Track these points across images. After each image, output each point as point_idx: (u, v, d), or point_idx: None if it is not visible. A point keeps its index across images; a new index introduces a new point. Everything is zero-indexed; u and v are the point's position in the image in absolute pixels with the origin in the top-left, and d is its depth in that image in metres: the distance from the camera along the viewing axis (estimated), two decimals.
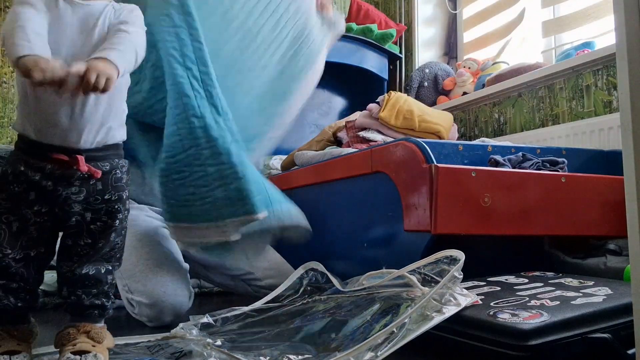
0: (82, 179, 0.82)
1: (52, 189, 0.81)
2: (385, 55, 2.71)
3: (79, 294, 0.85)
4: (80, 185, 0.82)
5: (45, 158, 0.80)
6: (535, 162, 1.30)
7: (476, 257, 1.20)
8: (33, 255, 0.84)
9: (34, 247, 0.84)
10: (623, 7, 0.62)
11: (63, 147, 0.80)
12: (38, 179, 0.80)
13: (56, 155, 0.80)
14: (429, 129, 1.75)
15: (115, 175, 0.86)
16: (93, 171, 0.81)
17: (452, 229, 1.11)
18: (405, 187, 1.19)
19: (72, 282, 0.86)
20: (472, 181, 1.12)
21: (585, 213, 1.24)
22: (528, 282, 1.06)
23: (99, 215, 0.85)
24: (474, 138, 2.26)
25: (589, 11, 1.95)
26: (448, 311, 0.84)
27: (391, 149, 1.26)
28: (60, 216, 0.84)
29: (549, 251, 1.32)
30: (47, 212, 0.83)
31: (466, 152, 1.38)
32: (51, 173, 0.81)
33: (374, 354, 0.74)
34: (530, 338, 0.75)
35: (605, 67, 1.75)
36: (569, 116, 1.88)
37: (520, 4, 2.29)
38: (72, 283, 0.86)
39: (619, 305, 0.85)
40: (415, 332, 0.79)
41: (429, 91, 2.55)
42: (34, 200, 0.81)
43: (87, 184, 0.83)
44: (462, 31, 2.73)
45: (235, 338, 0.95)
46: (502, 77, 2.11)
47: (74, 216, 0.84)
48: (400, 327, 0.79)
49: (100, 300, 0.86)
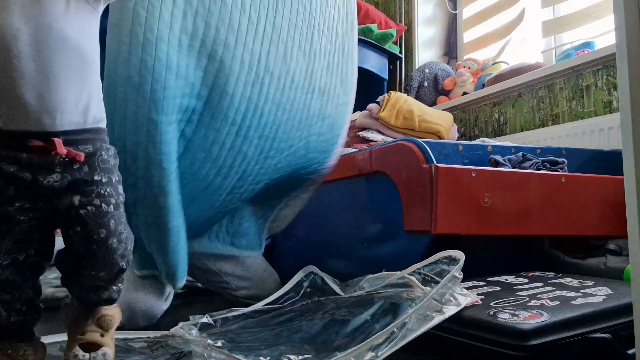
0: (63, 165, 0.73)
1: (30, 179, 0.72)
2: (385, 55, 2.71)
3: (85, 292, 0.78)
4: (63, 171, 0.73)
5: (19, 147, 0.72)
6: (535, 162, 1.30)
7: (476, 257, 1.20)
8: (22, 259, 0.75)
9: (22, 250, 0.75)
10: (623, 7, 0.62)
11: (40, 132, 0.72)
12: (14, 170, 0.72)
13: (31, 142, 0.71)
14: (429, 129, 1.76)
15: (101, 157, 0.77)
16: (74, 153, 0.73)
17: (452, 229, 1.11)
18: (405, 187, 1.19)
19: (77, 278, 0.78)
20: (472, 181, 1.12)
21: (585, 213, 1.24)
22: (528, 282, 1.06)
23: (90, 197, 0.74)
24: (474, 138, 2.26)
25: (589, 11, 1.95)
26: (448, 311, 0.84)
27: (391, 149, 1.26)
28: (47, 209, 0.75)
29: (549, 251, 1.32)
30: (31, 208, 0.74)
31: (466, 152, 1.38)
32: (28, 163, 0.72)
33: (375, 354, 0.74)
34: (530, 338, 0.75)
35: (605, 67, 1.75)
36: (569, 116, 1.88)
37: (520, 4, 2.29)
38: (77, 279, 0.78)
39: (619, 305, 0.85)
40: (416, 332, 0.79)
41: (429, 91, 2.55)
42: (14, 195, 0.73)
43: (70, 169, 0.74)
44: (462, 31, 2.73)
45: (235, 338, 0.95)
46: (502, 77, 2.11)
47: (61, 203, 0.74)
48: (401, 327, 0.79)
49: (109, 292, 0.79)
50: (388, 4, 3.03)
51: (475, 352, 0.82)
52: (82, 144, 0.75)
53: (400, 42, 2.84)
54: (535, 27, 2.22)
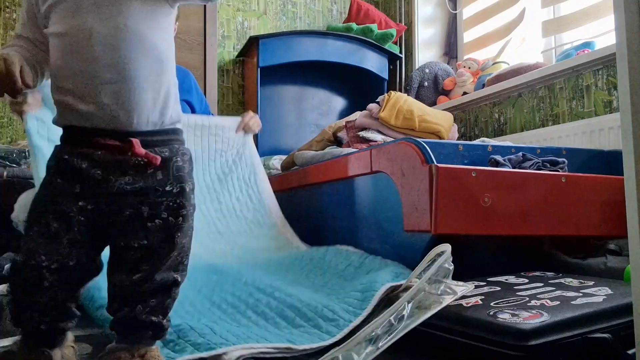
0: (137, 167, 0.70)
1: (101, 178, 0.69)
2: (385, 55, 2.71)
3: (134, 306, 0.71)
4: (135, 175, 0.70)
5: (93, 144, 0.69)
6: (535, 162, 1.30)
7: (476, 257, 1.21)
8: (72, 265, 0.70)
9: (74, 256, 0.70)
10: (623, 7, 0.62)
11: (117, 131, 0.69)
12: (85, 167, 0.69)
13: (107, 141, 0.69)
14: (429, 129, 1.75)
15: (176, 164, 0.73)
16: (151, 157, 0.69)
17: (452, 229, 1.11)
18: (405, 187, 1.19)
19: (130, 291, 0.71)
20: (472, 181, 1.12)
21: (586, 213, 1.24)
22: (528, 282, 1.06)
23: (158, 210, 0.70)
24: (474, 138, 2.26)
25: (589, 11, 1.95)
26: (445, 300, 0.84)
27: (391, 149, 1.26)
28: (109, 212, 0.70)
29: (549, 251, 1.32)
30: (93, 210, 0.70)
31: (466, 152, 1.38)
32: (101, 160, 0.69)
33: (375, 347, 0.74)
34: (530, 338, 0.75)
35: (605, 67, 1.75)
36: (569, 116, 1.88)
37: (520, 4, 2.29)
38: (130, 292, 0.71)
39: (619, 305, 0.84)
40: (415, 322, 0.79)
41: (429, 91, 2.55)
42: (79, 193, 0.69)
43: (143, 173, 0.70)
44: (462, 31, 2.73)
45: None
46: (502, 77, 2.11)
47: (127, 210, 0.70)
48: (399, 319, 0.79)
49: (158, 317, 0.72)
50: (388, 4, 3.03)
51: (475, 352, 0.82)
52: (160, 145, 0.72)
53: (400, 42, 2.84)
54: (535, 27, 2.22)
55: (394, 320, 0.78)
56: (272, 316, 0.98)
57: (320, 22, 2.96)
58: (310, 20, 2.95)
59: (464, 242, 1.16)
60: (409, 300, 0.81)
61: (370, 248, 1.35)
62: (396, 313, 0.78)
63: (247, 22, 2.82)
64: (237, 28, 2.79)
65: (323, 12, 2.98)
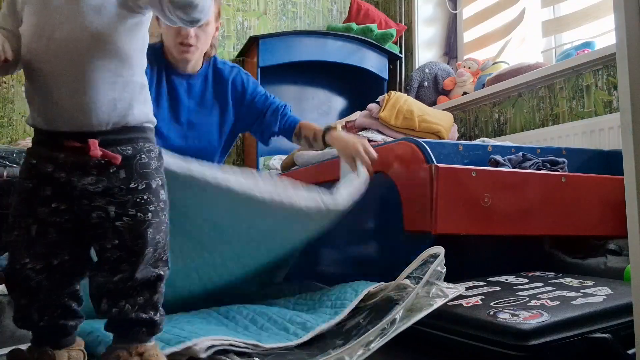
0: (99, 167, 0.70)
1: (65, 180, 0.70)
2: (385, 55, 2.71)
3: (122, 306, 0.71)
4: (98, 175, 0.70)
5: (56, 147, 0.70)
6: (535, 162, 1.30)
7: (476, 257, 1.21)
8: (56, 264, 0.71)
9: (56, 255, 0.71)
10: (623, 7, 0.62)
11: (76, 132, 0.70)
12: (50, 170, 0.70)
13: (67, 142, 0.70)
14: (429, 129, 1.75)
15: (140, 161, 0.73)
16: (110, 156, 0.70)
17: (453, 229, 1.11)
18: (405, 187, 1.19)
19: (114, 292, 0.72)
20: (472, 181, 1.12)
21: (585, 213, 1.24)
22: (528, 282, 1.06)
23: (125, 209, 0.71)
24: (474, 138, 2.26)
25: (588, 11, 1.95)
26: (436, 303, 0.84)
27: (391, 149, 1.26)
28: (80, 214, 0.71)
29: (549, 251, 1.32)
30: (66, 210, 0.71)
31: (466, 152, 1.38)
32: (64, 163, 0.70)
33: (367, 349, 0.75)
34: (530, 338, 0.75)
35: (605, 67, 1.75)
36: (569, 116, 1.88)
37: (520, 4, 2.29)
38: (115, 293, 0.72)
39: (619, 305, 0.85)
40: (406, 324, 0.79)
41: (429, 91, 2.55)
42: (50, 196, 0.71)
43: (106, 172, 0.71)
44: (462, 31, 2.72)
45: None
46: (502, 77, 2.11)
47: (95, 212, 0.71)
48: (391, 323, 0.79)
49: (149, 313, 0.72)
50: (388, 4, 3.03)
51: (475, 352, 0.82)
52: (123, 144, 0.72)
53: (400, 42, 2.84)
54: (535, 27, 2.22)
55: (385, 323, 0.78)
56: (242, 321, 0.99)
57: (320, 22, 2.96)
58: (310, 20, 2.95)
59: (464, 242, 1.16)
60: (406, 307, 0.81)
61: (370, 248, 1.35)
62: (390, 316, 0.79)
63: (247, 22, 2.82)
64: (237, 28, 2.79)
65: (323, 12, 2.98)
